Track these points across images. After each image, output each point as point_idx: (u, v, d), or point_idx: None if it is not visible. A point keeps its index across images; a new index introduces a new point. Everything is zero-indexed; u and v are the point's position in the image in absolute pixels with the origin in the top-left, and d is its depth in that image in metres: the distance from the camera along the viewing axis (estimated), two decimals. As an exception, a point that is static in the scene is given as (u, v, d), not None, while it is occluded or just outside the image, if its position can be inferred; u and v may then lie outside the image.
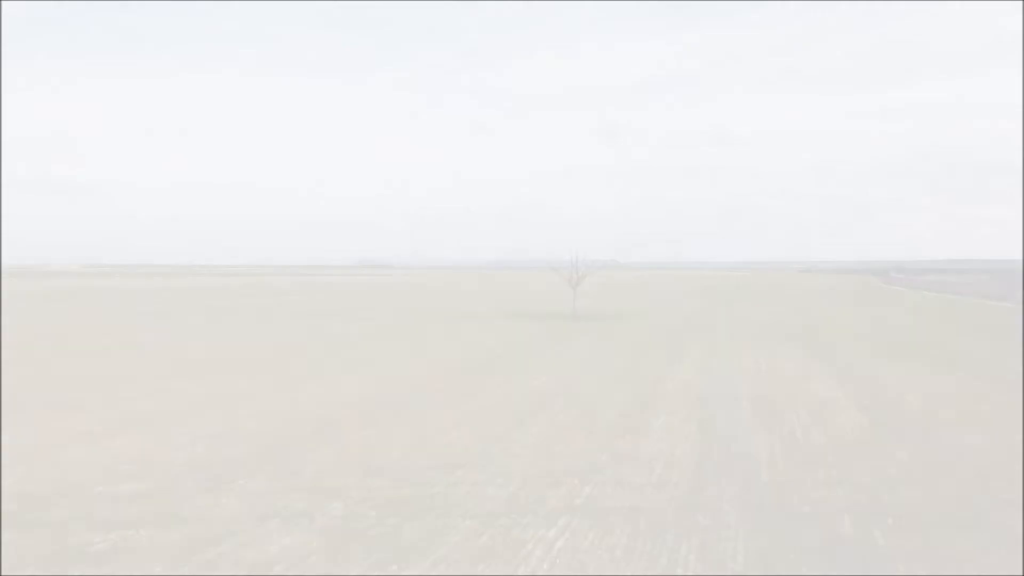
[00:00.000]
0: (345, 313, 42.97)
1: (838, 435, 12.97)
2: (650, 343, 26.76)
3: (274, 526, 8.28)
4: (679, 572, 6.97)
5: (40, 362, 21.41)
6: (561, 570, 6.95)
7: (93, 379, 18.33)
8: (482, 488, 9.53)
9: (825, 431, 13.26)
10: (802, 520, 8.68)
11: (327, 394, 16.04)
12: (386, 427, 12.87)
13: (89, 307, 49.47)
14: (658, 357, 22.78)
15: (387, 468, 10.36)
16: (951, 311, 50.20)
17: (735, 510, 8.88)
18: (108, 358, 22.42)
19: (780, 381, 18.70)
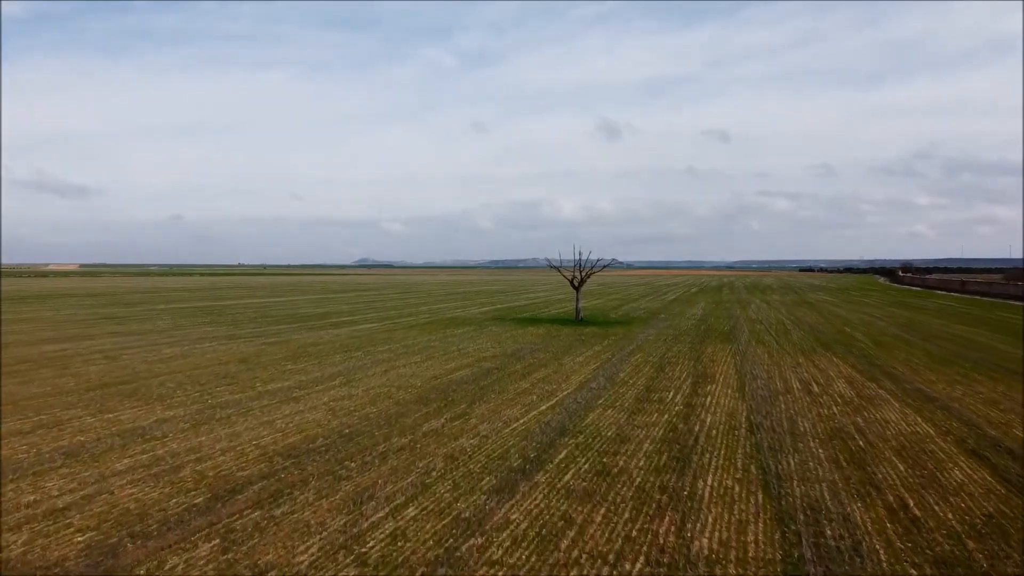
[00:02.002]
0: (322, 317, 38.87)
1: (969, 506, 8.94)
2: (670, 353, 22.69)
3: None
4: None
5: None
6: None
7: (-34, 409, 14.27)
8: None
9: (946, 498, 9.23)
10: None
11: (251, 438, 11.95)
12: (309, 501, 8.79)
13: (48, 310, 45.40)
14: (684, 373, 18.72)
15: (283, 597, 6.32)
16: (986, 314, 46.07)
17: None
18: (23, 375, 18.36)
19: (844, 408, 14.66)
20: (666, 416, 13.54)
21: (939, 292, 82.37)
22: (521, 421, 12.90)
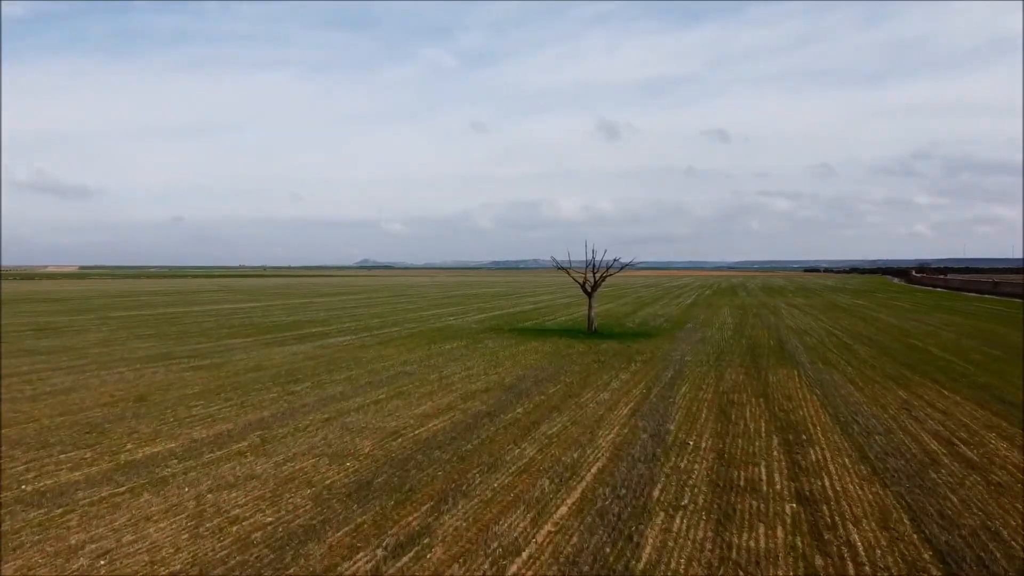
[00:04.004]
0: (290, 328, 33.05)
1: None
2: (724, 384, 16.87)
3: None
4: None
5: None
6: None
7: None
8: None
9: None
10: None
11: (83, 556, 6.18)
12: None
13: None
14: (761, 422, 12.88)
15: None
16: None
17: None
18: None
19: (1053, 501, 8.88)
20: (780, 532, 7.73)
21: (966, 293, 76.37)
22: (525, 555, 7.06)
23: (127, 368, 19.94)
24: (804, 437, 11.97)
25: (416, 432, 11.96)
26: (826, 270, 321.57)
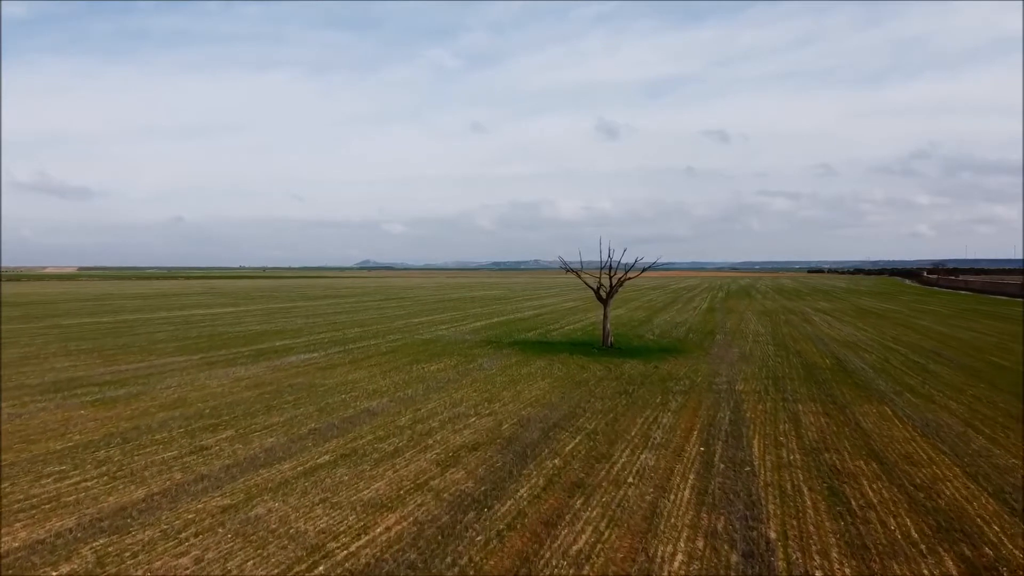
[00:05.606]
0: (255, 339, 28.37)
1: None
2: (808, 434, 12.21)
3: None
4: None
5: None
6: None
7: None
8: None
9: None
10: None
11: None
12: None
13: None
14: (894, 507, 8.21)
15: None
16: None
17: None
18: None
19: None
20: None
21: (992, 295, 71.64)
22: None
23: (12, 403, 15.29)
24: (989, 552, 7.31)
25: (350, 550, 7.25)
26: (830, 270, 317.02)
